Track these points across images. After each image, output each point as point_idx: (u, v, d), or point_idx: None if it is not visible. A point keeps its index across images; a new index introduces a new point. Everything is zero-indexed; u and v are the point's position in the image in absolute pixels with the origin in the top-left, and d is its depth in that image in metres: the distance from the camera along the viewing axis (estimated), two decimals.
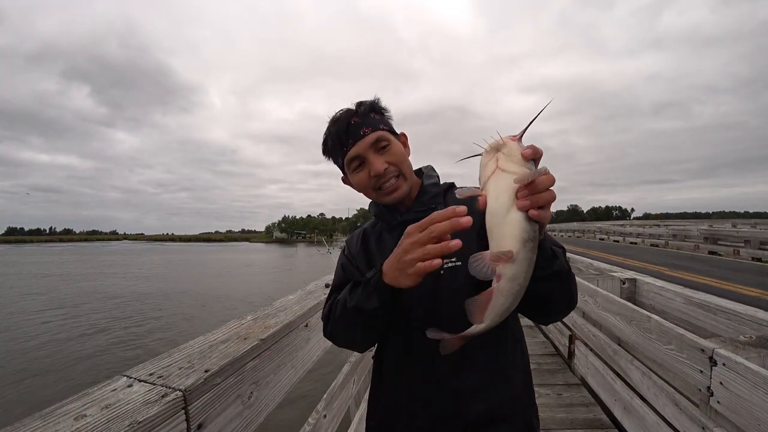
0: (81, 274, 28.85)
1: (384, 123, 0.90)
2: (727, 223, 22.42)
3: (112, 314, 13.87)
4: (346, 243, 1.03)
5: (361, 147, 0.85)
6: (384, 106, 0.93)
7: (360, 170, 0.87)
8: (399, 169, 0.87)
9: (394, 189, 0.87)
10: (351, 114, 0.88)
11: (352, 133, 0.86)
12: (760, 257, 11.62)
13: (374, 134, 0.86)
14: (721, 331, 1.88)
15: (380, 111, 0.92)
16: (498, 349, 0.83)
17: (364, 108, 0.89)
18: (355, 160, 0.87)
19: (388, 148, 0.87)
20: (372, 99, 0.92)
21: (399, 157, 0.88)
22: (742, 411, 1.24)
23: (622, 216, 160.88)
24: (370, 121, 0.88)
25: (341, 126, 0.87)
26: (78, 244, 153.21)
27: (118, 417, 0.56)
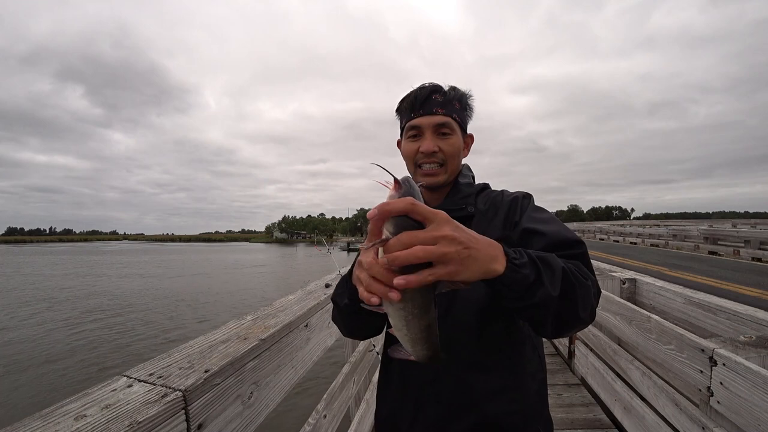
0: (94, 274, 28.91)
1: (459, 115, 0.89)
2: (727, 223, 22.42)
3: (130, 316, 14.03)
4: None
5: (425, 121, 0.86)
6: (471, 104, 0.93)
7: (413, 141, 0.88)
8: (446, 159, 0.87)
9: (433, 174, 0.87)
10: (436, 90, 0.88)
11: (426, 105, 0.86)
12: (760, 257, 11.62)
13: (443, 118, 0.86)
14: (721, 331, 1.88)
15: (465, 105, 0.91)
16: (514, 354, 0.81)
17: (452, 93, 0.89)
18: (413, 129, 0.87)
19: (448, 137, 0.87)
20: (465, 90, 0.92)
21: (452, 150, 0.87)
22: (742, 411, 1.24)
23: (622, 216, 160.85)
24: (449, 105, 0.87)
25: (421, 94, 0.87)
26: (78, 244, 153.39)
27: (118, 417, 0.56)
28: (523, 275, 0.56)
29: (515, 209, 0.84)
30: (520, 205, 0.85)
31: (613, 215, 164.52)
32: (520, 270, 0.56)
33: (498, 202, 0.88)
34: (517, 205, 0.85)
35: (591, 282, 0.67)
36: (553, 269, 0.60)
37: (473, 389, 0.79)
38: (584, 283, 0.65)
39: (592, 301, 0.66)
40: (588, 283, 0.66)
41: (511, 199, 0.87)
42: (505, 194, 0.90)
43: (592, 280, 0.68)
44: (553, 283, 0.59)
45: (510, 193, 0.91)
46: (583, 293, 0.64)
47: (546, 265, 0.60)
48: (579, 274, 0.65)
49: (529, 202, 0.87)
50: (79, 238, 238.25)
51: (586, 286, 0.65)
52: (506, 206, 0.86)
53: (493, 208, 0.87)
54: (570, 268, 0.64)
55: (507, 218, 0.84)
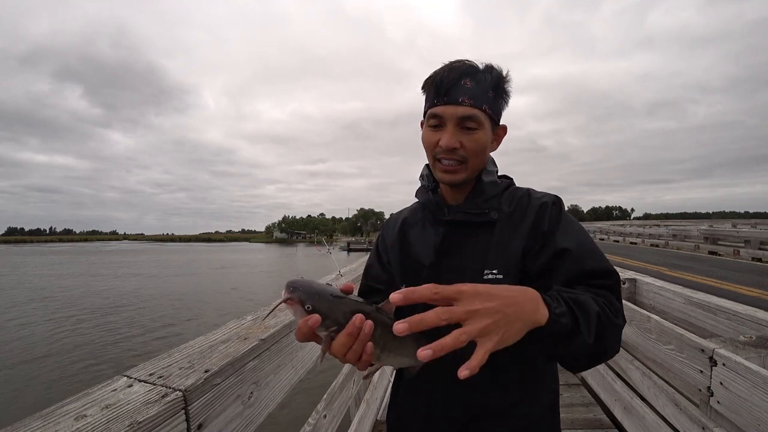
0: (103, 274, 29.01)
1: (492, 106, 0.77)
2: (727, 223, 22.43)
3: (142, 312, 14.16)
4: (382, 232, 0.96)
5: (448, 111, 0.75)
6: (508, 89, 0.81)
7: (434, 131, 0.78)
8: (467, 156, 0.77)
9: (452, 171, 0.78)
10: (468, 74, 0.76)
11: (453, 92, 0.75)
12: (760, 257, 11.62)
13: (470, 110, 0.75)
14: (721, 331, 1.88)
15: (500, 91, 0.79)
16: (527, 370, 0.77)
17: (487, 78, 0.77)
18: (435, 118, 0.77)
19: (472, 132, 0.76)
20: (502, 72, 0.79)
21: (476, 147, 0.77)
22: (742, 411, 1.24)
23: (623, 216, 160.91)
24: (480, 94, 0.75)
25: (449, 78, 0.76)
26: (78, 244, 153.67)
27: (118, 417, 0.56)
28: (563, 325, 0.55)
29: (543, 218, 0.76)
30: (549, 214, 0.77)
31: (613, 215, 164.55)
32: (560, 320, 0.55)
33: (525, 205, 0.80)
34: (545, 213, 0.77)
35: (621, 318, 0.65)
36: (589, 315, 0.58)
37: (484, 405, 0.76)
38: (615, 323, 0.63)
39: (619, 340, 0.65)
40: (618, 322, 0.64)
41: (540, 205, 0.79)
42: (533, 196, 0.82)
43: (621, 314, 0.66)
44: (589, 330, 0.57)
45: (538, 195, 0.82)
46: (613, 332, 0.63)
47: (582, 310, 0.58)
48: (610, 312, 0.63)
49: (560, 211, 0.78)
50: (79, 238, 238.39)
51: (616, 325, 0.63)
52: (534, 212, 0.78)
53: (519, 211, 0.80)
54: (602, 307, 0.62)
55: (534, 227, 0.76)
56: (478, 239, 0.78)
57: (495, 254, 0.75)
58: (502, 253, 0.75)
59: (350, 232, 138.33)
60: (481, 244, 0.77)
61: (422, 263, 0.82)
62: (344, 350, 0.52)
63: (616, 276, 0.70)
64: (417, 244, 0.86)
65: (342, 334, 0.51)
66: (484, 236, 0.78)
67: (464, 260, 0.78)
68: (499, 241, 0.76)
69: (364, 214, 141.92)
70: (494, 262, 0.75)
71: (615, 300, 0.67)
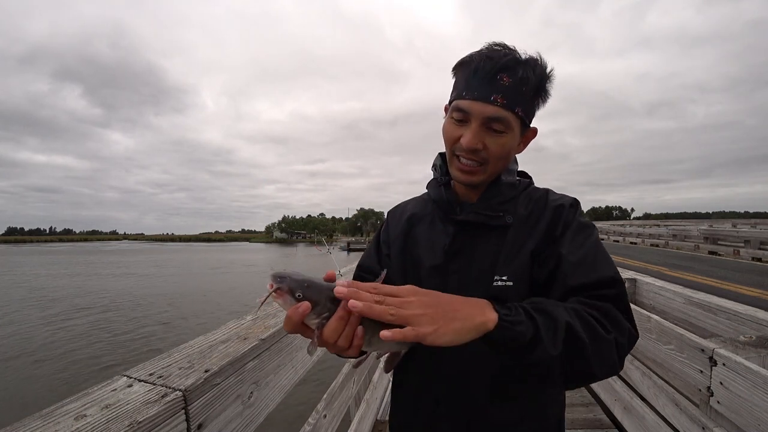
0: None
1: (525, 109, 0.71)
2: (727, 223, 22.43)
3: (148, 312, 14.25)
4: (387, 220, 0.92)
5: (476, 109, 0.69)
6: (549, 89, 0.73)
7: (457, 125, 0.72)
8: (488, 159, 0.72)
9: (469, 171, 0.73)
10: (506, 68, 0.68)
11: (486, 86, 0.68)
12: (760, 257, 11.62)
13: (500, 111, 0.68)
14: (721, 331, 1.88)
15: (540, 92, 0.72)
16: (535, 383, 0.73)
17: (527, 76, 0.68)
18: (460, 111, 0.71)
19: (499, 135, 0.70)
20: (547, 68, 0.71)
21: (500, 152, 0.71)
22: (742, 411, 1.24)
23: (622, 216, 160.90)
24: (515, 93, 0.68)
25: (485, 68, 0.68)
26: (78, 244, 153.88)
27: (118, 417, 0.56)
28: (517, 332, 0.54)
29: (558, 221, 0.73)
30: (564, 218, 0.73)
31: (613, 215, 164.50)
32: (513, 327, 0.54)
33: (541, 207, 0.76)
34: (560, 217, 0.73)
35: (617, 333, 0.60)
36: (555, 325, 0.56)
37: (489, 418, 0.73)
38: (602, 338, 0.58)
39: (614, 357, 0.60)
40: (609, 337, 0.59)
41: (556, 207, 0.75)
42: (551, 198, 0.78)
43: (620, 329, 0.61)
44: (553, 342, 0.55)
45: (556, 197, 0.78)
46: (599, 349, 0.58)
47: (547, 320, 0.56)
48: (597, 325, 0.58)
49: (575, 215, 0.74)
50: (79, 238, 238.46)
51: (604, 341, 0.58)
52: (549, 215, 0.74)
53: (535, 213, 0.76)
54: (583, 320, 0.58)
55: (548, 230, 0.73)
56: (490, 242, 0.74)
57: (506, 259, 0.72)
58: (513, 259, 0.72)
59: (350, 232, 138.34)
60: (492, 248, 0.74)
61: (427, 263, 0.78)
62: (336, 335, 0.52)
63: (619, 286, 0.65)
64: (423, 242, 0.81)
65: (333, 318, 0.51)
66: (496, 240, 0.74)
67: (473, 264, 0.74)
68: (511, 245, 0.73)
69: (364, 214, 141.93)
70: (504, 268, 0.71)
71: (616, 313, 0.62)
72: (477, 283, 0.72)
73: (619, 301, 0.64)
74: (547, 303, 0.60)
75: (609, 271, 0.67)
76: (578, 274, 0.66)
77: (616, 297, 0.64)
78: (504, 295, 0.69)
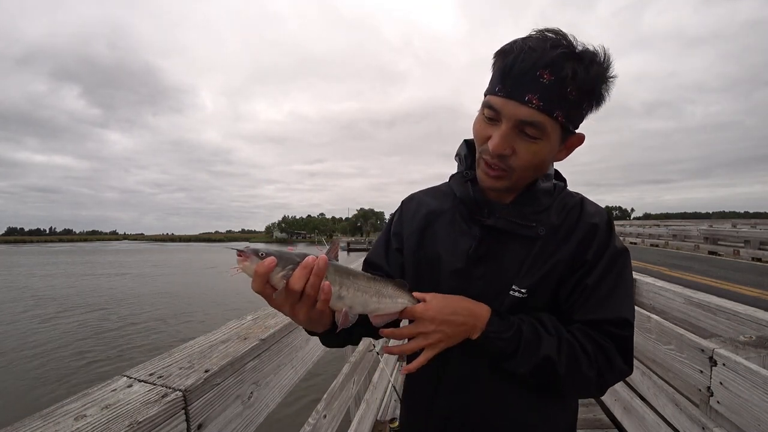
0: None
1: (568, 113, 0.61)
2: (727, 223, 22.42)
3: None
4: (401, 211, 0.85)
5: (507, 109, 0.61)
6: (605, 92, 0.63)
7: (488, 124, 0.64)
8: (514, 169, 0.65)
9: (495, 177, 0.66)
10: (549, 65, 0.58)
11: (520, 84, 0.59)
12: (760, 257, 11.61)
13: (535, 114, 0.59)
14: (721, 331, 1.88)
15: (592, 94, 0.62)
16: (546, 390, 0.71)
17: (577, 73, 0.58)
18: (492, 109, 0.63)
19: (533, 141, 0.62)
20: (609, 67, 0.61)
21: (531, 161, 0.64)
22: (742, 411, 1.24)
23: (623, 216, 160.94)
24: (556, 95, 0.59)
25: (523, 62, 0.59)
26: (78, 244, 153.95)
27: (118, 417, 0.56)
28: (497, 347, 0.65)
29: (591, 243, 0.68)
30: (597, 240, 0.68)
31: (613, 215, 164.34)
32: (494, 342, 0.64)
33: (574, 219, 0.70)
34: (594, 238, 0.68)
35: (605, 372, 0.65)
36: (535, 354, 0.64)
37: (500, 425, 0.72)
38: (581, 375, 0.64)
39: (590, 390, 0.68)
40: (590, 375, 0.64)
41: (591, 225, 0.69)
42: (585, 210, 0.72)
43: (611, 369, 0.65)
44: (525, 363, 0.64)
45: (591, 210, 0.72)
46: (572, 384, 0.66)
47: (532, 346, 0.64)
48: (585, 361, 0.64)
49: (610, 238, 0.69)
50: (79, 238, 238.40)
51: (582, 378, 0.64)
52: (582, 232, 0.69)
53: (567, 225, 0.70)
54: (571, 353, 0.64)
55: (579, 249, 0.68)
56: (517, 251, 0.70)
57: (529, 271, 0.69)
58: (536, 272, 0.68)
59: (350, 232, 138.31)
60: (517, 257, 0.70)
61: (447, 266, 0.74)
62: (302, 282, 0.53)
63: (629, 329, 0.66)
64: (443, 242, 0.75)
65: (299, 267, 0.53)
66: (523, 249, 0.70)
67: (499, 271, 0.71)
68: (537, 258, 0.69)
69: (364, 214, 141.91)
70: (525, 279, 0.69)
71: (614, 354, 0.65)
72: (498, 292, 0.71)
73: (622, 343, 0.66)
74: (547, 327, 0.66)
75: (624, 312, 0.67)
76: (596, 308, 0.67)
77: (622, 339, 0.66)
78: (517, 307, 0.69)
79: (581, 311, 0.68)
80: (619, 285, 0.68)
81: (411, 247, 0.79)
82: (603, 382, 0.66)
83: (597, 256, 0.68)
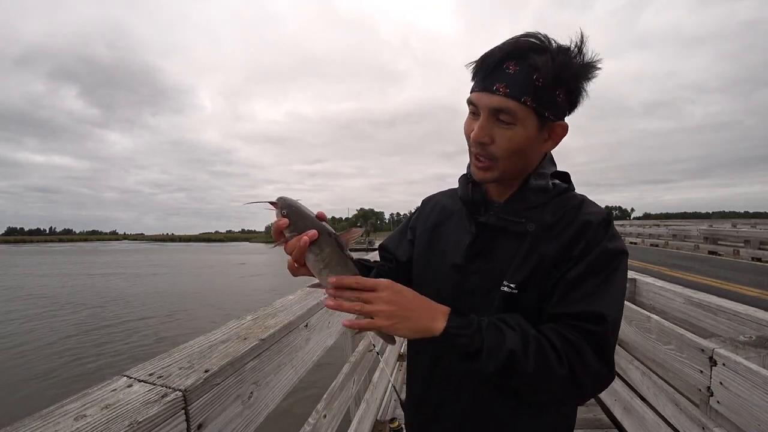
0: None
1: (537, 98, 0.64)
2: (727, 223, 22.44)
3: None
4: (420, 209, 0.94)
5: (482, 100, 0.67)
6: (581, 74, 0.66)
7: (473, 119, 0.70)
8: (496, 155, 0.68)
9: (485, 168, 0.70)
10: (513, 56, 0.64)
11: (491, 76, 0.66)
12: (760, 257, 11.62)
13: (503, 101, 0.64)
14: (721, 331, 1.88)
15: (559, 82, 0.64)
16: None
17: (539, 62, 0.63)
18: (472, 104, 0.70)
19: (507, 127, 0.66)
20: (580, 57, 0.64)
21: (509, 147, 0.67)
22: (742, 411, 1.24)
23: (623, 216, 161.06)
24: (522, 82, 0.63)
25: (492, 57, 0.66)
26: (77, 243, 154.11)
27: (118, 417, 0.56)
28: (459, 344, 0.62)
29: (580, 239, 0.68)
30: (588, 237, 0.67)
31: (613, 215, 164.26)
32: (455, 339, 0.62)
33: (570, 218, 0.70)
34: (584, 235, 0.68)
35: (578, 370, 0.60)
36: (499, 349, 0.61)
37: (495, 423, 0.73)
38: (551, 371, 0.60)
39: (564, 391, 0.62)
40: (560, 372, 0.60)
41: (583, 224, 0.69)
42: (583, 210, 0.71)
43: (583, 367, 0.61)
44: (490, 362, 0.61)
45: (588, 210, 0.71)
46: (542, 383, 0.61)
47: (495, 342, 0.61)
48: (555, 358, 0.60)
49: (604, 235, 0.68)
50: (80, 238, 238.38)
51: (552, 375, 0.60)
52: (575, 229, 0.69)
53: (562, 224, 0.70)
54: (538, 350, 0.60)
55: (568, 245, 0.68)
56: (509, 247, 0.73)
57: (518, 267, 0.70)
58: (525, 268, 0.70)
59: None
60: (509, 253, 0.72)
61: (449, 260, 0.79)
62: (290, 249, 0.65)
63: (603, 325, 0.62)
64: (449, 239, 0.81)
65: (295, 238, 0.64)
66: (514, 245, 0.72)
67: (492, 267, 0.73)
68: (525, 254, 0.70)
69: (364, 214, 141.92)
70: (515, 275, 0.70)
71: (586, 350, 0.61)
72: (492, 287, 0.72)
73: (595, 340, 0.62)
74: (510, 323, 0.64)
75: (601, 307, 0.63)
76: (568, 303, 0.65)
77: (594, 335, 0.62)
78: (509, 302, 0.70)
79: (554, 305, 0.66)
80: (604, 283, 0.65)
81: (422, 242, 0.87)
82: (578, 383, 0.61)
83: (584, 252, 0.66)
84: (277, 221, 0.66)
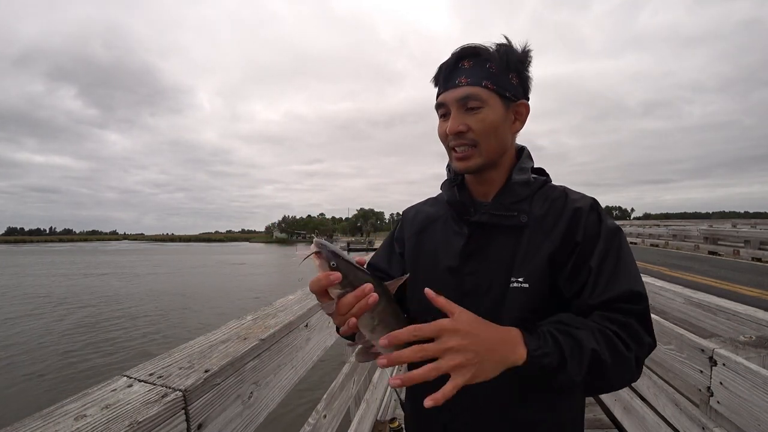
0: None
1: (496, 81, 0.72)
2: (727, 223, 22.43)
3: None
4: (402, 220, 0.94)
5: (448, 97, 0.73)
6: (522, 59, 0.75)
7: (443, 120, 0.76)
8: (477, 139, 0.72)
9: (466, 157, 0.74)
10: (465, 55, 0.74)
11: (450, 76, 0.74)
12: (760, 257, 11.61)
13: (467, 89, 0.71)
14: (721, 331, 1.88)
15: (509, 65, 0.73)
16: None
17: (487, 54, 0.73)
18: (441, 106, 0.76)
19: (476, 111, 0.72)
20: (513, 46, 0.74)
21: (483, 127, 0.72)
22: (742, 411, 1.24)
23: (622, 216, 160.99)
24: (479, 71, 0.72)
25: (447, 64, 0.75)
26: (77, 243, 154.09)
27: (118, 417, 0.56)
28: (544, 364, 0.57)
29: (577, 226, 0.70)
30: (584, 223, 0.70)
31: (613, 215, 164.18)
32: (540, 360, 0.57)
33: (559, 209, 0.73)
34: (579, 221, 0.70)
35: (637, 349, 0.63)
36: (581, 352, 0.58)
37: (504, 421, 0.73)
38: (623, 357, 0.61)
39: (633, 371, 0.65)
40: (629, 355, 0.62)
41: (574, 210, 0.71)
42: (569, 199, 0.75)
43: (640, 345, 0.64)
44: (578, 369, 0.58)
45: (574, 197, 0.75)
46: (619, 367, 0.62)
47: (574, 347, 0.59)
48: (620, 343, 0.61)
49: (598, 219, 0.71)
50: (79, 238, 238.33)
51: (625, 359, 0.61)
52: (568, 218, 0.71)
53: (552, 214, 0.73)
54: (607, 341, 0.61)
55: (567, 235, 0.70)
56: (505, 243, 0.73)
57: (522, 261, 0.71)
58: (529, 260, 0.70)
59: (350, 232, 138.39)
60: (507, 249, 0.73)
61: (442, 264, 0.78)
62: (347, 309, 0.58)
63: (644, 301, 0.66)
64: (438, 243, 0.81)
65: (351, 294, 0.57)
66: (512, 240, 0.73)
67: (489, 265, 0.74)
68: (527, 246, 0.71)
69: (364, 214, 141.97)
70: (521, 269, 0.70)
71: (638, 328, 0.64)
72: (492, 286, 0.72)
73: (641, 316, 0.65)
74: (574, 324, 0.62)
75: (634, 285, 0.66)
76: (606, 289, 0.66)
77: (640, 313, 0.65)
78: (520, 297, 0.70)
79: (593, 295, 0.66)
80: (622, 259, 0.69)
81: (410, 247, 0.87)
82: (638, 360, 0.64)
83: (590, 236, 0.69)
84: (326, 276, 0.57)
